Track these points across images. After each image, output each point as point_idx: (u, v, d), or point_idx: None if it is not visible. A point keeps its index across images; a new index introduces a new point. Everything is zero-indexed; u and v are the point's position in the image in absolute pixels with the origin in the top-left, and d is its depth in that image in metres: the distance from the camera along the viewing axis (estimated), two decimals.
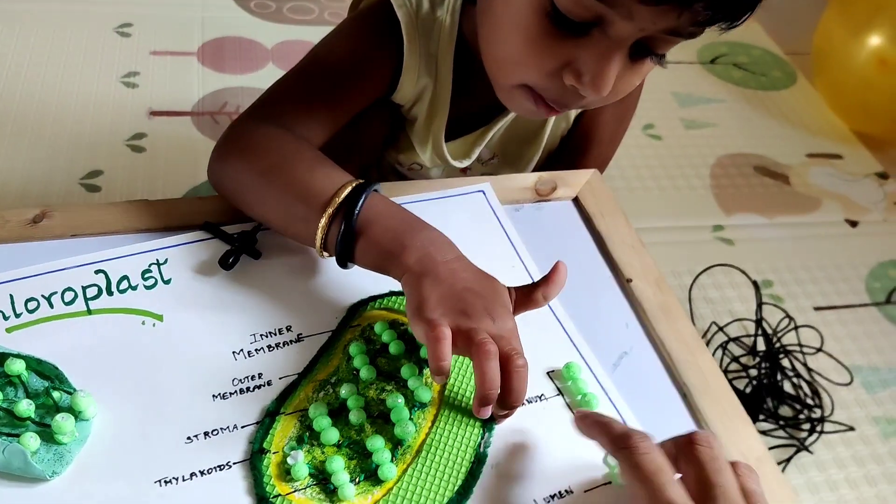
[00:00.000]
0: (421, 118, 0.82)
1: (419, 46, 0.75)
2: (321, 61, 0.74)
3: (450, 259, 0.58)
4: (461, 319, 0.53)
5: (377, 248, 0.58)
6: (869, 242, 1.62)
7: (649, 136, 1.78)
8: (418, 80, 0.77)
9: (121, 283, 0.61)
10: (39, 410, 0.52)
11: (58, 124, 1.48)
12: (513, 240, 0.70)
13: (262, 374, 0.56)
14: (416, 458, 0.53)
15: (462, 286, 0.56)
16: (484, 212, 0.72)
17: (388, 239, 0.58)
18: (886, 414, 1.30)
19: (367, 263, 0.60)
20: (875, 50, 1.69)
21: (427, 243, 0.58)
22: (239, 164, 0.66)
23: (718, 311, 1.39)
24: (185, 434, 0.52)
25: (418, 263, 0.56)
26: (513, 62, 0.64)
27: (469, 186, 0.74)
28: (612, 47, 0.59)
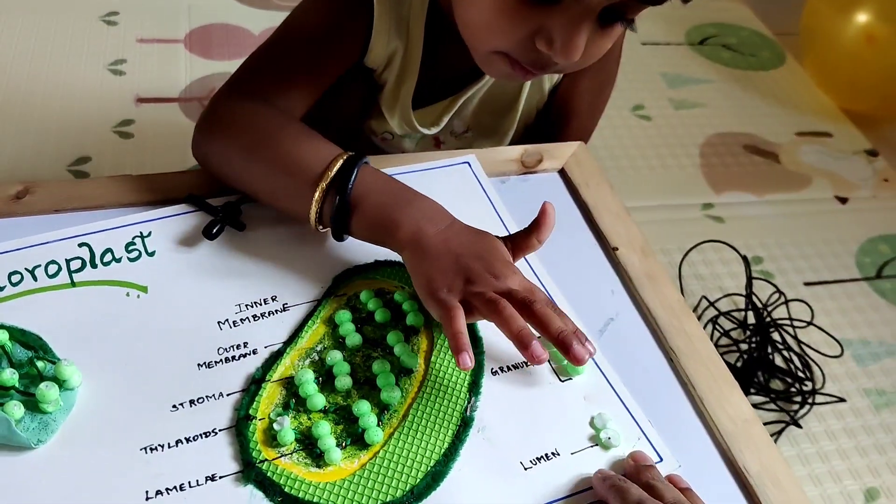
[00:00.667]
0: (390, 83, 0.81)
1: (390, 9, 0.75)
2: (295, 31, 0.74)
3: (442, 228, 0.59)
4: (467, 288, 0.55)
5: (371, 224, 0.60)
6: (858, 218, 1.62)
7: (639, 116, 1.78)
8: (388, 43, 0.77)
9: (104, 256, 0.61)
10: (24, 380, 0.52)
11: (45, 112, 1.47)
12: (499, 210, 0.70)
13: (247, 343, 0.56)
14: (402, 422, 0.53)
15: (459, 253, 0.57)
16: (470, 183, 0.72)
17: (381, 214, 0.59)
18: (877, 386, 1.30)
19: (362, 237, 0.61)
20: (862, 27, 1.69)
21: (419, 216, 0.59)
22: (225, 141, 0.66)
23: (709, 287, 1.39)
24: (170, 402, 0.53)
25: (413, 239, 0.58)
26: (485, 29, 0.64)
27: (454, 158, 0.74)
28: (582, 14, 0.59)
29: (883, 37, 1.67)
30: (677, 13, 2.12)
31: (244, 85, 0.71)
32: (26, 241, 0.61)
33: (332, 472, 0.50)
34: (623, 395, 0.57)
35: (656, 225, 1.50)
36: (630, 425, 0.56)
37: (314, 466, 0.50)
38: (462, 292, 0.55)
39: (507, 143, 0.92)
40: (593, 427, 0.55)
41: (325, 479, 0.50)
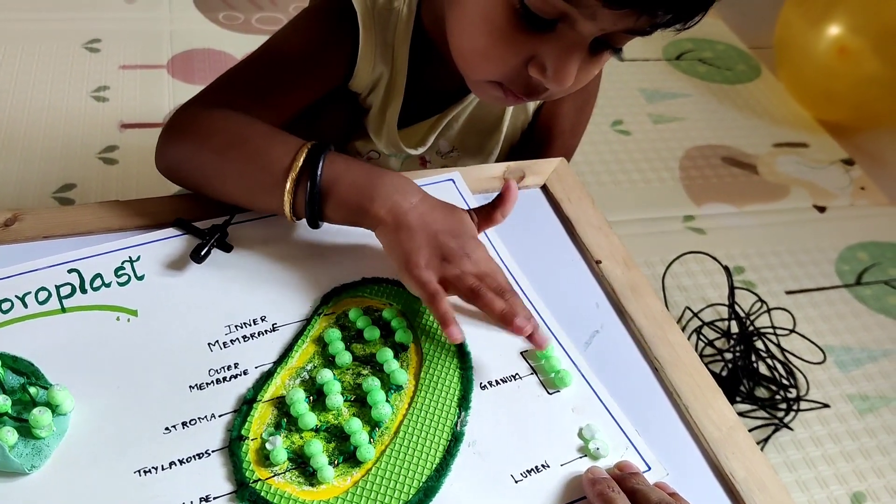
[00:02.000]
0: (376, 106, 0.83)
1: (375, 35, 0.76)
2: (274, 50, 0.75)
3: (416, 203, 0.61)
4: (445, 267, 0.59)
5: (346, 206, 0.61)
6: (837, 227, 1.65)
7: (618, 131, 1.80)
8: (374, 68, 0.78)
9: (94, 281, 0.61)
10: (16, 406, 0.52)
11: (29, 139, 1.47)
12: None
13: (238, 364, 0.57)
14: (393, 438, 0.54)
15: (434, 229, 0.60)
16: (455, 200, 0.73)
17: (354, 194, 0.61)
18: (860, 391, 1.32)
19: (337, 220, 0.63)
20: (834, 39, 1.73)
21: (392, 191, 0.61)
22: (193, 146, 0.67)
23: (692, 298, 1.41)
24: (163, 425, 0.53)
25: (388, 214, 0.60)
26: (480, 56, 0.66)
27: (439, 175, 0.75)
28: (575, 43, 0.61)
29: (855, 48, 1.70)
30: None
31: (214, 96, 0.72)
32: (16, 268, 0.61)
33: (325, 490, 0.51)
34: (610, 406, 0.58)
35: (639, 238, 1.52)
36: (618, 435, 0.57)
37: (307, 485, 0.51)
38: (439, 270, 0.59)
39: (493, 160, 0.93)
40: (582, 438, 0.56)
41: (319, 497, 0.50)
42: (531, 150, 0.93)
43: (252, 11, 1.94)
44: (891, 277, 1.55)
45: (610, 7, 0.55)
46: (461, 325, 0.58)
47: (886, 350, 1.40)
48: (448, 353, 0.59)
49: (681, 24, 0.60)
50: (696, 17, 0.59)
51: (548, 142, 0.93)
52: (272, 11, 1.95)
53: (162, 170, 0.70)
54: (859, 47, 1.70)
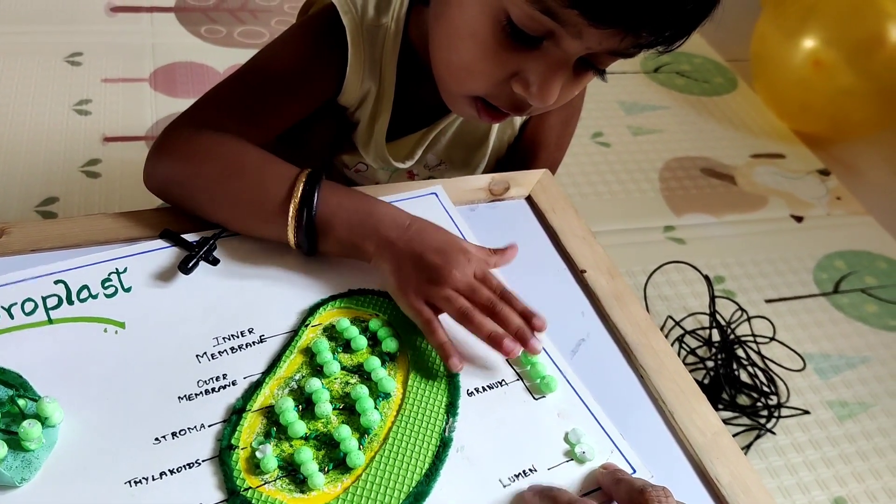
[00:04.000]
0: (364, 121, 0.83)
1: (364, 52, 0.77)
2: (262, 67, 0.76)
3: (404, 231, 0.63)
4: (431, 290, 0.60)
5: (340, 243, 0.64)
6: (814, 236, 1.68)
7: (598, 143, 1.82)
8: (362, 84, 0.79)
9: (81, 293, 0.61)
10: (5, 419, 0.52)
11: (11, 153, 1.46)
12: (466, 236, 0.72)
13: (226, 375, 0.57)
14: (382, 445, 0.54)
15: (420, 251, 0.61)
16: (438, 214, 0.74)
17: (347, 233, 0.63)
18: (840, 398, 1.34)
19: (332, 254, 0.65)
20: (809, 52, 1.76)
21: (382, 226, 0.63)
22: (185, 171, 0.67)
23: (674, 307, 1.42)
24: (152, 435, 0.53)
25: (378, 248, 0.62)
26: (465, 71, 0.66)
27: (422, 189, 0.76)
28: (560, 61, 0.62)
29: (829, 61, 1.73)
30: None
31: (203, 114, 0.72)
32: (1, 279, 0.61)
33: (315, 496, 0.51)
34: (595, 411, 0.59)
35: (620, 248, 1.53)
36: (603, 439, 0.57)
37: (298, 492, 0.51)
38: (426, 294, 0.60)
39: (480, 173, 0.94)
40: (568, 442, 0.57)
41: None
42: (517, 164, 0.94)
43: (234, 25, 1.94)
44: (867, 285, 1.57)
45: (596, 26, 0.56)
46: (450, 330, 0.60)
47: (864, 357, 1.42)
48: (434, 360, 0.60)
49: (663, 47, 0.61)
50: (678, 41, 0.60)
51: (533, 155, 0.94)
52: (254, 25, 1.95)
53: (151, 189, 0.71)
54: (834, 60, 1.73)
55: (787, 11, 1.84)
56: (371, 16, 0.77)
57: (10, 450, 0.50)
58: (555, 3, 0.56)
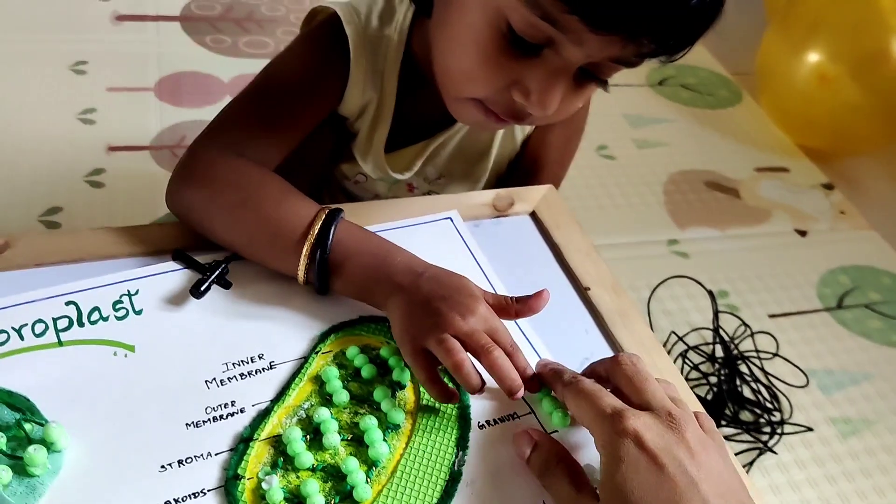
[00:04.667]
0: (363, 131, 0.83)
1: (366, 62, 0.77)
2: (274, 81, 0.76)
3: (416, 278, 0.60)
4: (434, 333, 0.57)
5: (354, 285, 0.63)
6: (818, 251, 1.67)
7: (603, 156, 1.82)
8: (363, 94, 0.79)
9: (92, 315, 0.60)
10: (11, 443, 0.51)
11: (15, 162, 1.47)
12: (482, 265, 0.71)
13: (234, 402, 0.57)
14: (390, 478, 0.53)
15: (427, 298, 0.59)
16: (453, 239, 0.73)
17: (361, 276, 0.62)
18: (843, 414, 1.34)
19: (345, 295, 0.64)
20: (815, 67, 1.76)
21: (395, 273, 0.61)
22: (206, 197, 0.67)
23: (677, 322, 1.42)
24: (158, 463, 0.52)
25: (391, 295, 0.60)
26: (465, 76, 0.66)
27: (437, 214, 0.75)
28: (560, 69, 0.61)
29: (834, 76, 1.73)
30: None
31: (222, 136, 0.72)
32: (12, 299, 0.60)
33: None
34: None
35: (624, 262, 1.53)
36: None
37: None
38: (428, 341, 0.57)
39: (480, 188, 0.94)
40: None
41: None
42: (518, 179, 0.94)
43: (239, 35, 1.95)
44: (871, 301, 1.57)
45: (596, 32, 0.56)
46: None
47: (867, 373, 1.42)
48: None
49: (666, 57, 0.60)
50: (681, 50, 0.60)
51: (535, 171, 0.94)
52: (260, 35, 1.96)
53: (172, 210, 0.70)
54: (839, 74, 1.73)
55: (793, 25, 1.85)
56: (374, 26, 0.77)
57: (15, 475, 0.49)
58: (555, 10, 0.56)
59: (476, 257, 0.72)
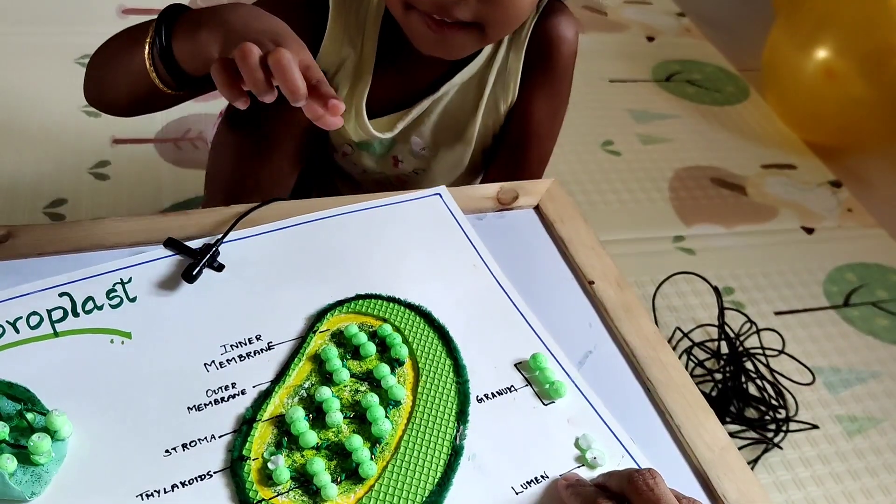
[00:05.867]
0: (344, 90, 0.85)
1: (346, 16, 0.78)
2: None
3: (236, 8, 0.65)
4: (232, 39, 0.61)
5: (185, 37, 0.66)
6: (825, 248, 1.66)
7: (608, 152, 1.81)
8: (341, 49, 0.80)
9: (86, 304, 0.61)
10: (14, 433, 0.51)
11: (20, 154, 1.47)
12: (472, 239, 0.72)
13: (235, 384, 0.57)
14: (394, 454, 0.54)
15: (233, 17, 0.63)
16: (442, 214, 0.74)
17: (192, 24, 0.66)
18: (849, 412, 1.33)
19: (186, 59, 0.67)
20: (822, 62, 1.75)
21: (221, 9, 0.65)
22: (94, 71, 0.77)
23: (682, 318, 1.41)
24: (162, 447, 0.53)
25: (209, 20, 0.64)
26: None
27: (426, 191, 0.76)
28: None
29: (842, 72, 1.72)
30: (643, 51, 2.18)
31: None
32: (5, 293, 0.60)
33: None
34: (604, 416, 0.60)
35: (629, 258, 1.52)
36: (613, 444, 0.58)
37: (311, 503, 0.51)
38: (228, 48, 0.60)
39: (466, 162, 0.95)
40: (578, 448, 0.57)
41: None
42: (508, 156, 0.95)
43: None
44: (878, 299, 1.56)
45: None
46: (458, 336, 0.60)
47: (874, 371, 1.41)
48: (444, 366, 0.60)
49: None
50: None
51: (522, 145, 0.95)
52: None
53: (90, 101, 0.79)
54: (846, 70, 1.72)
55: (800, 21, 1.84)
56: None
57: (20, 464, 0.50)
58: None
59: (467, 233, 0.73)
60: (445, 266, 0.69)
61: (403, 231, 0.71)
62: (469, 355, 0.61)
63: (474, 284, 0.68)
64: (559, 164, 1.74)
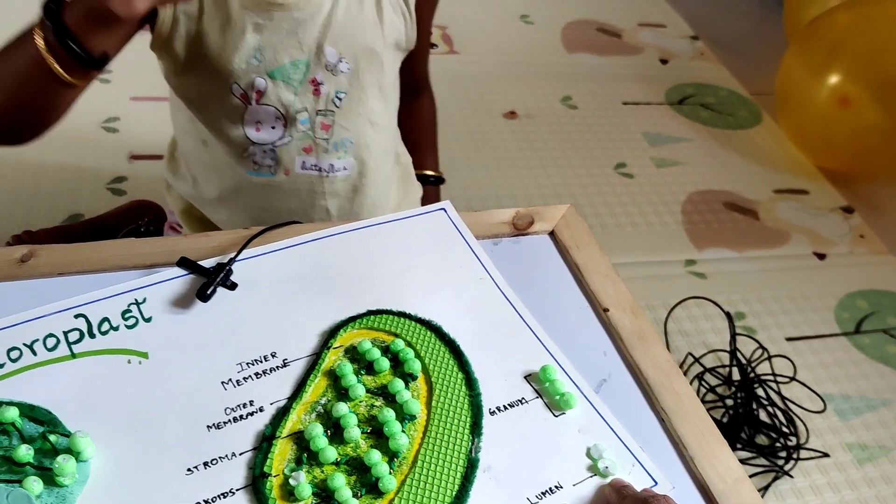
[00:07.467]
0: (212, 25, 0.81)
1: None
2: None
3: None
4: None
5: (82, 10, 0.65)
6: (837, 274, 1.66)
7: (621, 174, 1.82)
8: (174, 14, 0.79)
9: (102, 325, 0.61)
10: (37, 455, 0.52)
11: (39, 168, 1.48)
12: (477, 253, 0.73)
13: (253, 402, 0.58)
14: (412, 468, 0.55)
15: None
16: (447, 229, 0.75)
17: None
18: (860, 440, 1.32)
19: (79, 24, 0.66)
20: (835, 89, 1.76)
21: None
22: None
23: (693, 343, 1.41)
24: (184, 466, 0.53)
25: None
26: None
27: (430, 206, 0.77)
28: None
29: (855, 98, 1.73)
30: (657, 74, 2.19)
31: None
32: (21, 316, 0.61)
33: None
34: (614, 426, 0.61)
35: (641, 281, 1.52)
36: (623, 453, 0.59)
37: None
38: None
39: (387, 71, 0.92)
40: (590, 457, 0.58)
41: None
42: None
43: None
44: (889, 326, 1.56)
45: None
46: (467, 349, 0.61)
47: (885, 399, 1.40)
48: (456, 380, 0.61)
49: None
50: None
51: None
52: None
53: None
54: (859, 97, 1.73)
55: (813, 47, 1.84)
56: None
57: (45, 486, 0.50)
58: None
59: (472, 247, 0.73)
60: (452, 279, 0.70)
61: (409, 246, 0.72)
62: (479, 368, 0.62)
63: (481, 297, 0.69)
64: (572, 186, 1.74)
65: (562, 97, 2.01)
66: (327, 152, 0.90)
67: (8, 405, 0.53)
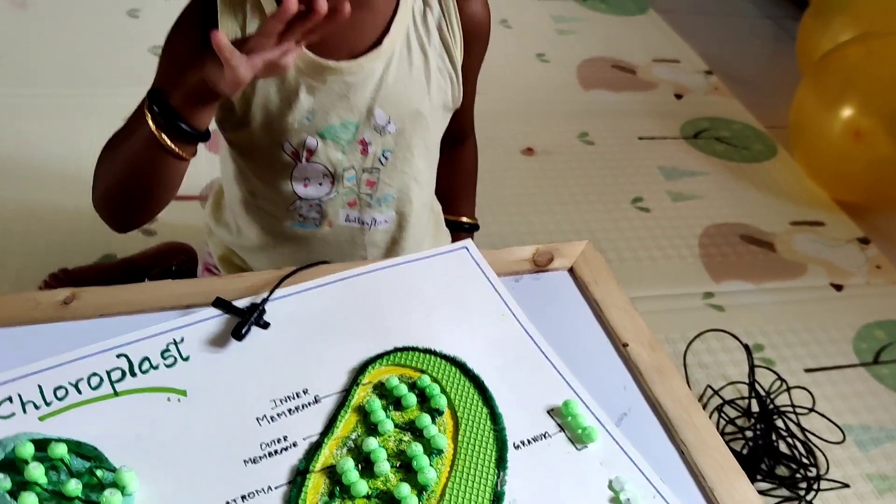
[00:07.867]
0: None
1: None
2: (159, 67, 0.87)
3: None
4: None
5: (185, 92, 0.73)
6: (854, 305, 1.67)
7: (638, 208, 1.84)
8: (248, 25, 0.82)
9: (143, 364, 0.64)
10: (85, 489, 0.54)
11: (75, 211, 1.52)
12: (499, 290, 0.75)
13: (286, 437, 0.60)
14: (440, 501, 0.57)
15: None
16: (469, 267, 0.78)
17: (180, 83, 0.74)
18: (879, 471, 1.32)
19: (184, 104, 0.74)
20: (848, 122, 1.78)
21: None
22: (98, 181, 0.86)
23: (712, 376, 1.43)
24: (223, 499, 0.56)
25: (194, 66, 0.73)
26: None
27: (452, 245, 0.80)
28: None
29: (869, 131, 1.74)
30: (671, 108, 2.22)
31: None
32: (67, 356, 0.64)
33: None
34: (635, 458, 0.62)
35: (659, 315, 1.54)
36: (645, 485, 0.60)
37: None
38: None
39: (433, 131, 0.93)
40: (612, 490, 0.60)
41: None
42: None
43: None
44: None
45: None
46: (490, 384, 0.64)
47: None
48: (481, 415, 0.63)
49: None
50: None
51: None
52: None
53: (99, 212, 0.87)
54: (873, 130, 1.74)
55: (827, 80, 1.87)
56: None
57: None
58: None
59: (494, 285, 0.76)
60: (475, 316, 0.73)
61: (433, 284, 0.75)
62: (503, 403, 0.64)
63: (503, 333, 0.71)
64: (590, 221, 1.77)
65: (578, 133, 2.05)
66: (370, 207, 0.93)
67: (57, 442, 0.56)
